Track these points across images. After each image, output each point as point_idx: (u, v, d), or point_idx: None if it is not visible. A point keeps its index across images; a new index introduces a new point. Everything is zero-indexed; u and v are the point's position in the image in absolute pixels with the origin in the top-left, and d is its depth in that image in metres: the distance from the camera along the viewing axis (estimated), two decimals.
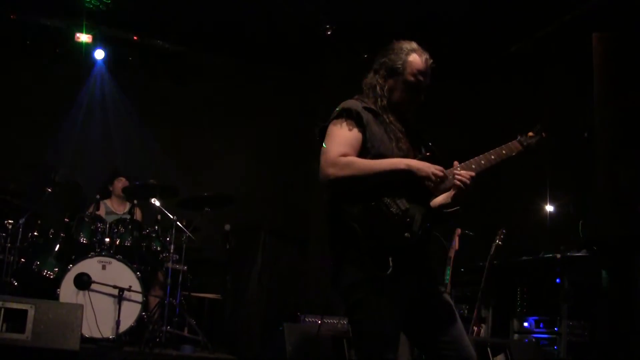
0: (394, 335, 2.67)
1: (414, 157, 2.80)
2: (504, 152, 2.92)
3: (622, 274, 5.08)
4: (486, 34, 7.13)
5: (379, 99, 2.89)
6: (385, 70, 2.91)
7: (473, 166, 2.85)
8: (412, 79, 2.87)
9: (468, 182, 2.75)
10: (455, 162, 2.84)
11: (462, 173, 2.78)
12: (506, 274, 6.05)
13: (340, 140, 2.74)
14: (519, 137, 2.99)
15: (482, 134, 7.12)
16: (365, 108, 2.84)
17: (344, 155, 2.69)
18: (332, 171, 2.67)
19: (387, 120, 2.85)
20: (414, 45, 2.94)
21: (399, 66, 2.88)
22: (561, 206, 6.64)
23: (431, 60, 2.93)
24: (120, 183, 6.91)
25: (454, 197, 2.82)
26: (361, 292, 2.64)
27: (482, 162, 2.88)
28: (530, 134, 3.02)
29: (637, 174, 5.02)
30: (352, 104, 2.85)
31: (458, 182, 2.76)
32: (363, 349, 2.70)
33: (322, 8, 7.15)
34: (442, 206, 2.86)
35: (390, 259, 2.58)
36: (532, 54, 7.15)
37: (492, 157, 2.90)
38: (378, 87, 2.90)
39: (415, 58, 2.89)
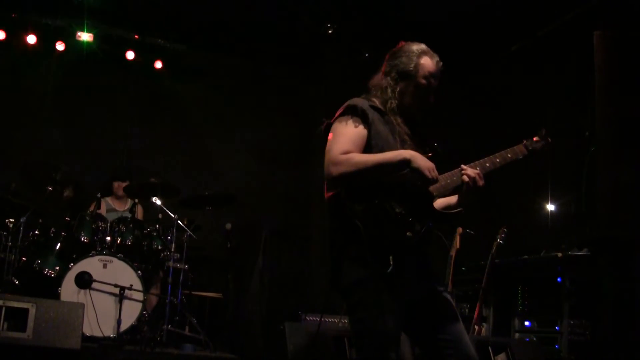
0: (395, 333, 2.67)
1: None
2: (509, 155, 2.96)
3: (623, 273, 5.08)
4: (487, 32, 7.13)
5: (389, 101, 2.88)
6: (397, 72, 2.90)
7: (477, 168, 2.86)
8: (424, 82, 2.88)
9: (474, 176, 2.79)
10: (462, 165, 2.86)
11: (468, 170, 2.81)
12: (507, 273, 6.05)
13: (343, 138, 2.75)
14: (524, 142, 3.01)
15: (482, 132, 7.11)
16: (371, 107, 2.84)
17: (346, 152, 2.70)
18: (333, 169, 2.69)
19: (394, 122, 2.85)
20: (424, 47, 2.93)
21: (411, 69, 2.87)
22: (562, 205, 6.64)
23: (441, 63, 2.93)
24: (119, 186, 6.91)
25: (459, 196, 2.87)
26: (363, 290, 2.65)
27: (487, 164, 2.90)
28: (536, 138, 3.03)
29: (637, 174, 5.02)
30: (358, 101, 2.85)
31: (465, 178, 2.79)
32: (364, 347, 2.70)
33: (323, 7, 7.14)
34: (445, 207, 2.89)
35: (391, 257, 2.59)
36: (533, 53, 7.15)
37: (497, 160, 2.92)
38: (389, 90, 2.89)
39: (427, 61, 2.89)
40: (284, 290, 7.62)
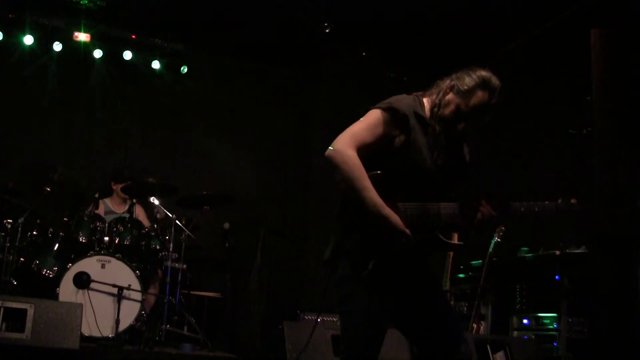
0: (378, 330, 2.73)
1: (446, 176, 2.76)
2: (535, 209, 2.80)
3: (621, 271, 5.08)
4: (484, 31, 7.12)
5: (435, 107, 2.81)
6: (455, 84, 2.80)
7: (496, 210, 2.78)
8: (465, 108, 2.77)
9: (489, 217, 2.74)
10: (483, 201, 2.78)
11: (485, 209, 2.75)
12: (505, 271, 6.05)
13: (365, 135, 2.69)
14: (559, 200, 2.82)
15: (479, 132, 7.10)
16: (415, 113, 2.76)
17: (358, 149, 2.64)
18: (335, 156, 2.63)
19: (435, 131, 2.78)
20: (492, 82, 2.78)
21: (464, 89, 2.76)
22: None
23: (495, 106, 2.80)
24: (117, 188, 6.90)
25: (467, 228, 2.80)
26: (349, 286, 2.71)
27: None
28: (574, 200, 2.82)
29: (636, 171, 5.02)
30: (405, 105, 2.76)
31: (480, 215, 2.74)
32: (347, 341, 2.76)
33: (321, 7, 7.14)
34: (447, 234, 2.81)
35: (371, 262, 2.60)
36: (531, 51, 7.15)
37: (522, 209, 2.80)
38: (442, 94, 2.82)
39: (483, 96, 2.75)
40: (282, 289, 7.62)
